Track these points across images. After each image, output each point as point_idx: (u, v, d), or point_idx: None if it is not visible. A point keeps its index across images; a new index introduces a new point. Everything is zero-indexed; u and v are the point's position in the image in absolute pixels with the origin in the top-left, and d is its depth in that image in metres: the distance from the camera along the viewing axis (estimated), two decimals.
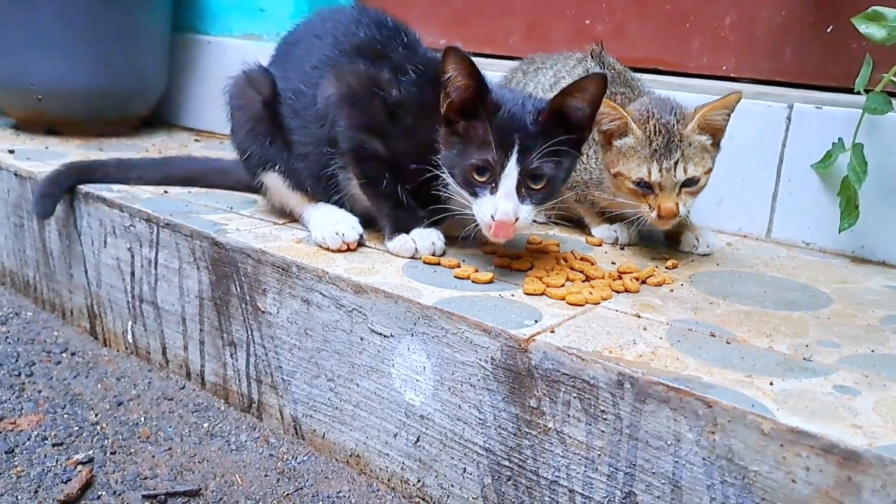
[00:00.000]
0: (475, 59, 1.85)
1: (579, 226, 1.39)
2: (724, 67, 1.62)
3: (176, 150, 1.93)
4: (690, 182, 1.17)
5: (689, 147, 1.16)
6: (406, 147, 1.12)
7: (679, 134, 1.16)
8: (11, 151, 1.74)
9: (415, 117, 1.12)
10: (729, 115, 1.18)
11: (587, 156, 1.30)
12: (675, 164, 1.15)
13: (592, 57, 1.37)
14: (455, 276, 1.07)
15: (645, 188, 1.17)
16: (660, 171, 1.15)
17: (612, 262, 1.19)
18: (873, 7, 1.19)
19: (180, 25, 2.26)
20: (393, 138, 1.12)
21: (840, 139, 1.30)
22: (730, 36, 1.61)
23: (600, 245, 1.31)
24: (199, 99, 2.27)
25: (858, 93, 1.27)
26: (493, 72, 1.65)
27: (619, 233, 1.31)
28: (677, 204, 1.16)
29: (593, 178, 1.30)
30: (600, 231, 1.33)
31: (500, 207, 1.02)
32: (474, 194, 1.05)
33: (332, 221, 1.16)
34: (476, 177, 1.04)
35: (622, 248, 1.29)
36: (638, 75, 1.42)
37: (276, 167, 1.23)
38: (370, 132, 1.13)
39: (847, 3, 1.46)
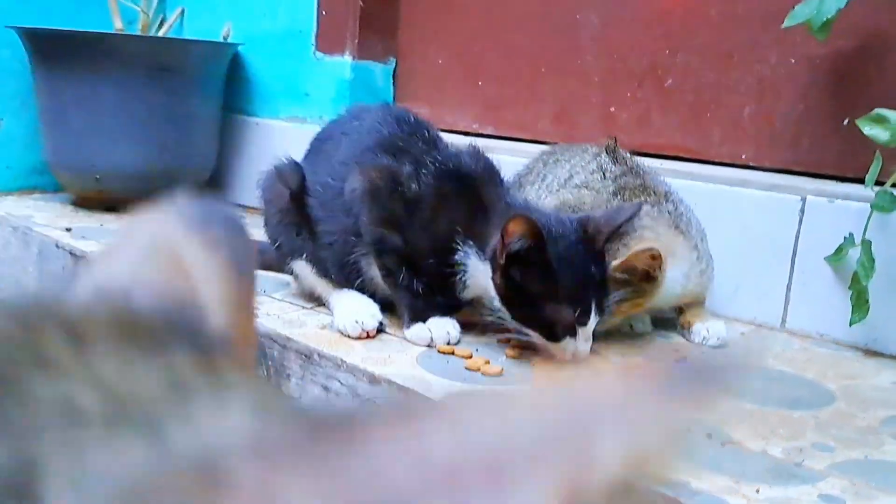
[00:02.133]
0: (506, 143, 1.95)
1: None
2: (744, 156, 1.67)
3: None
4: None
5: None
6: (424, 243, 1.19)
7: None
8: (68, 229, 1.85)
9: (433, 213, 1.19)
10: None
11: None
12: None
13: (607, 152, 1.43)
14: (466, 368, 1.12)
15: None
16: None
17: (622, 355, 1.24)
18: (877, 110, 1.24)
19: (230, 107, 2.38)
20: (411, 234, 1.19)
21: (851, 234, 1.33)
22: (749, 126, 1.66)
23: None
24: (246, 176, 2.38)
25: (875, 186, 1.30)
26: (521, 158, 1.73)
27: (632, 321, 1.35)
28: None
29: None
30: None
31: (581, 350, 1.12)
32: (555, 339, 1.13)
33: (353, 310, 1.23)
34: (556, 331, 1.12)
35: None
36: (652, 166, 1.46)
37: (304, 256, 1.31)
38: (390, 227, 1.20)
39: (862, 99, 1.50)
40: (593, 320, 1.13)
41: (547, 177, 1.48)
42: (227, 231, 0.37)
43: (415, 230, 1.20)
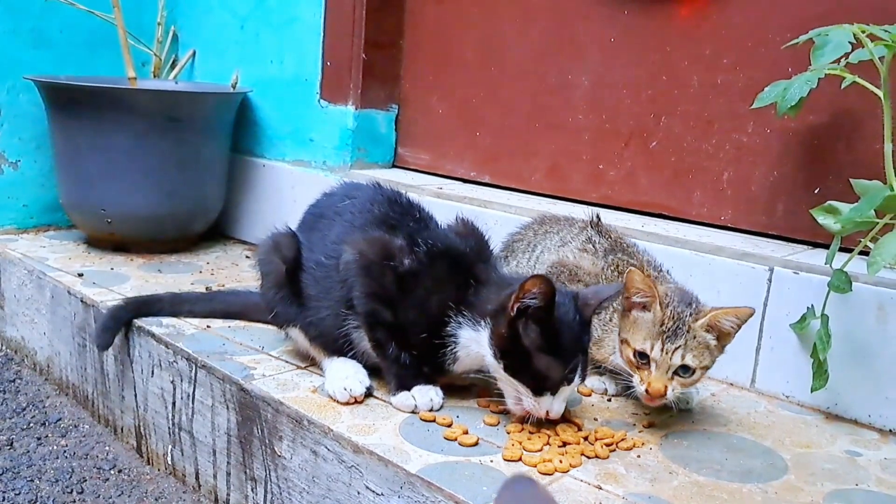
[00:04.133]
0: (502, 192, 2.03)
1: None
2: (723, 217, 1.75)
3: (227, 270, 2.13)
4: (685, 370, 1.26)
5: (692, 339, 1.26)
6: (416, 318, 1.28)
7: (689, 326, 1.26)
8: (80, 275, 1.95)
9: (425, 291, 1.28)
10: (739, 325, 1.28)
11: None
12: (676, 349, 1.25)
13: (592, 226, 1.51)
14: (444, 438, 1.20)
15: (642, 360, 1.28)
16: (662, 350, 1.25)
17: (595, 419, 1.32)
18: (829, 202, 1.32)
19: (239, 148, 2.49)
20: (403, 309, 1.28)
21: (812, 305, 1.41)
22: (728, 190, 1.74)
23: (590, 395, 1.43)
24: (253, 215, 2.49)
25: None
26: (515, 216, 1.82)
27: (607, 384, 1.43)
28: (666, 386, 1.26)
29: (593, 336, 1.41)
30: (591, 381, 1.45)
31: (555, 409, 1.23)
32: (539, 393, 1.22)
33: (343, 376, 1.32)
34: (544, 384, 1.21)
35: (609, 400, 1.42)
36: (634, 241, 1.54)
37: (298, 325, 1.40)
38: (382, 301, 1.28)
39: (833, 170, 1.58)
40: (576, 382, 1.23)
41: (537, 247, 1.56)
42: None
43: (407, 306, 1.28)
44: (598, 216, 1.53)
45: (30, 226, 2.42)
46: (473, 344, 1.26)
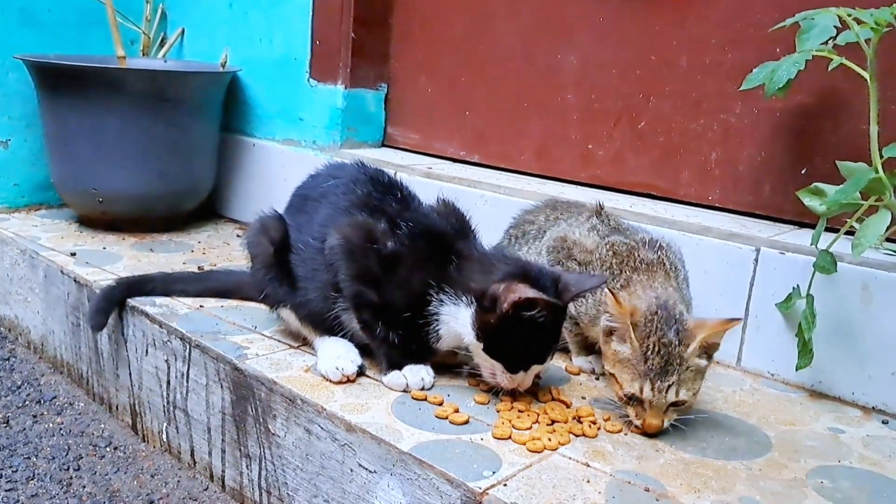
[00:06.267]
0: (491, 172, 2.05)
1: (563, 350, 1.53)
2: (710, 197, 1.77)
3: (218, 249, 2.14)
4: (679, 403, 1.20)
5: (686, 371, 1.18)
6: (400, 298, 1.30)
7: (679, 356, 1.18)
8: (73, 254, 1.96)
9: (408, 271, 1.30)
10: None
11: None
12: (669, 386, 1.17)
13: (597, 215, 1.52)
14: (435, 416, 1.23)
15: (635, 401, 1.21)
16: (652, 390, 1.17)
17: (583, 397, 1.34)
18: (815, 184, 1.34)
19: (230, 128, 2.49)
20: (388, 290, 1.30)
21: (798, 286, 1.43)
22: (715, 170, 1.75)
23: (578, 374, 1.46)
24: (243, 194, 2.49)
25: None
26: (505, 196, 1.83)
27: (594, 364, 1.46)
28: (663, 421, 1.20)
29: (588, 314, 1.43)
30: (579, 361, 1.48)
31: (526, 381, 1.28)
32: (513, 371, 1.26)
33: (335, 356, 1.34)
34: (518, 364, 1.26)
35: (597, 378, 1.44)
36: (635, 224, 1.56)
37: (288, 306, 1.42)
38: (367, 283, 1.30)
39: (819, 151, 1.60)
40: (549, 361, 1.29)
41: (547, 233, 1.57)
42: None
43: (391, 286, 1.30)
44: (601, 204, 1.54)
45: (21, 205, 2.42)
46: (453, 321, 1.28)
